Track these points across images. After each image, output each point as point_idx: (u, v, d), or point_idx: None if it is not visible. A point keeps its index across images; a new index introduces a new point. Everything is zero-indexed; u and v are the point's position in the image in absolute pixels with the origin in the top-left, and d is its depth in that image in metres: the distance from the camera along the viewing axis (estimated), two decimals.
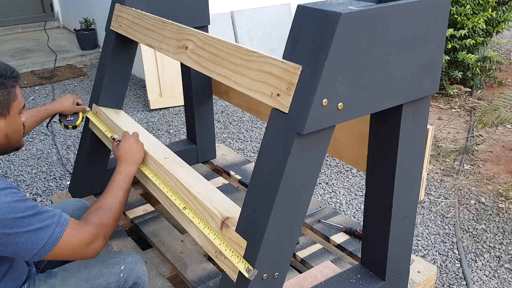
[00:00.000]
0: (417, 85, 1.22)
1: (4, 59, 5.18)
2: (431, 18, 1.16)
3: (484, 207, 2.68)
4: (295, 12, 1.07)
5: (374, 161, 1.40)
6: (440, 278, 2.18)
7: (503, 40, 5.43)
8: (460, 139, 3.50)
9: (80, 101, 2.05)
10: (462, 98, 4.19)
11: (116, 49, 1.99)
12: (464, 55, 3.98)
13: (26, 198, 1.19)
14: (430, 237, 2.44)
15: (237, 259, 1.20)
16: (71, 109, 2.02)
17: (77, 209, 1.69)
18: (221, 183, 2.25)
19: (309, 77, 1.03)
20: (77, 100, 2.05)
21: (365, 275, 1.54)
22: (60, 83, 4.73)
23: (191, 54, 1.45)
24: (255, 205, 1.16)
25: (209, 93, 2.32)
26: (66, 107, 2.01)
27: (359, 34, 1.04)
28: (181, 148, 2.36)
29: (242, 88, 1.21)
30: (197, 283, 1.63)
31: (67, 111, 2.02)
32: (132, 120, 1.94)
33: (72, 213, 1.66)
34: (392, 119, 1.29)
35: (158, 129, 3.71)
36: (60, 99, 2.01)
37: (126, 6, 1.91)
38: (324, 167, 3.12)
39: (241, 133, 3.65)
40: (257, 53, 1.18)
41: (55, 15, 6.63)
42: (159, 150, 1.70)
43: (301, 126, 1.04)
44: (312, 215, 1.99)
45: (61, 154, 3.28)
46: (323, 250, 1.81)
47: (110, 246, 1.80)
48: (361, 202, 2.72)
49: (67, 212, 1.66)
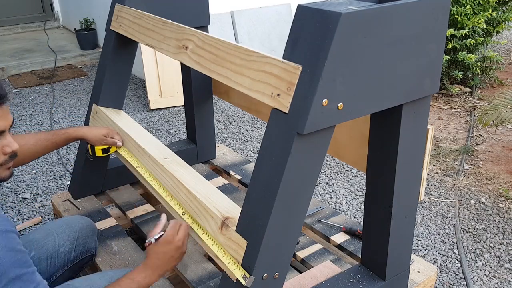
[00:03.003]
0: (417, 85, 1.22)
1: (4, 59, 5.18)
2: (431, 18, 1.16)
3: (484, 207, 2.68)
4: (295, 12, 1.07)
5: (374, 161, 1.40)
6: (440, 278, 2.18)
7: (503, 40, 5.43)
8: (460, 139, 3.50)
9: (115, 135, 1.79)
10: (462, 98, 4.19)
11: (116, 49, 1.99)
12: (464, 55, 3.98)
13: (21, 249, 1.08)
14: (430, 237, 2.44)
15: (234, 266, 1.21)
16: (97, 141, 1.76)
17: (83, 228, 1.66)
18: (221, 183, 2.25)
19: (309, 77, 1.03)
20: (112, 133, 1.79)
21: (365, 275, 1.54)
22: (60, 83, 4.73)
23: (191, 54, 1.45)
24: (255, 205, 1.16)
25: (209, 93, 2.32)
26: (91, 137, 1.75)
27: (359, 34, 1.04)
28: (181, 148, 2.36)
29: (242, 88, 1.21)
30: (197, 283, 1.63)
31: (92, 142, 1.76)
32: (132, 120, 1.94)
33: (79, 232, 1.63)
34: (392, 119, 1.29)
35: (158, 129, 3.71)
36: (89, 127, 1.79)
37: (126, 6, 1.91)
38: (324, 167, 3.12)
39: (241, 133, 3.65)
40: (257, 53, 1.18)
41: (55, 15, 6.63)
42: (159, 150, 1.70)
43: (301, 126, 1.04)
44: (312, 215, 1.99)
45: (61, 154, 3.28)
46: (323, 250, 1.81)
47: (110, 246, 1.80)
48: (361, 202, 2.72)
49: (74, 230, 1.61)
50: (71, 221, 1.67)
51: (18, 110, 4.08)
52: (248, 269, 1.17)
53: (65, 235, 1.60)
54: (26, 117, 3.92)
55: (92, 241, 1.69)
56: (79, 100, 4.29)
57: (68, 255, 1.59)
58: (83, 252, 1.65)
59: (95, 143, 1.78)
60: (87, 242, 1.66)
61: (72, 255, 1.61)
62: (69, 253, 1.60)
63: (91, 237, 1.68)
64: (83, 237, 1.64)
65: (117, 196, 2.14)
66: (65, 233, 1.60)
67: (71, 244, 1.60)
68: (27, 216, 2.62)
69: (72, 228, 1.62)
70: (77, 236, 1.62)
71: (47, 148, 1.69)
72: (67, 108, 4.13)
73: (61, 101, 4.29)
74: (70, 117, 3.95)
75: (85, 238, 1.65)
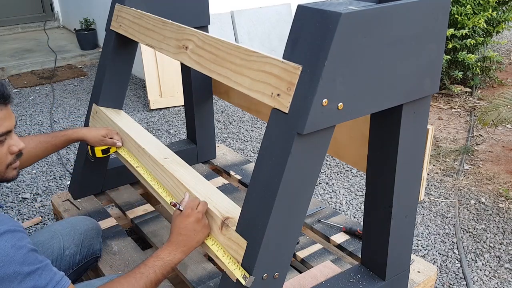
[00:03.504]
0: (417, 85, 1.22)
1: (4, 59, 5.18)
2: (431, 18, 1.16)
3: (484, 207, 2.68)
4: (295, 12, 1.07)
5: (374, 161, 1.40)
6: (440, 278, 2.18)
7: (503, 40, 5.43)
8: (460, 139, 3.50)
9: (115, 135, 1.79)
10: (462, 98, 4.19)
11: (116, 49, 1.99)
12: (464, 55, 3.98)
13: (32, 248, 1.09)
14: (430, 237, 2.44)
15: (234, 266, 1.21)
16: (96, 142, 1.76)
17: (88, 229, 1.65)
18: (221, 183, 2.25)
19: (309, 77, 1.03)
20: (111, 134, 1.79)
21: (365, 275, 1.54)
22: (60, 83, 4.73)
23: (191, 54, 1.45)
24: (255, 205, 1.16)
25: (209, 93, 2.32)
26: (90, 138, 1.75)
27: (359, 34, 1.04)
28: (181, 148, 2.36)
29: (242, 88, 1.21)
30: (197, 283, 1.63)
31: (91, 143, 1.76)
32: (132, 120, 1.94)
33: (84, 235, 1.62)
34: (392, 119, 1.29)
35: (158, 129, 3.71)
36: (88, 128, 1.79)
37: (126, 6, 1.91)
38: (324, 167, 3.12)
39: (241, 133, 3.65)
40: (257, 53, 1.18)
41: (55, 15, 6.63)
42: (159, 150, 1.70)
43: (301, 126, 1.04)
44: (312, 215, 1.99)
45: (61, 154, 3.28)
46: (323, 250, 1.81)
47: (110, 246, 1.80)
48: (361, 202, 2.72)
49: (79, 233, 1.61)
50: (76, 222, 1.66)
51: (18, 110, 4.08)
52: (248, 269, 1.17)
53: (70, 238, 1.58)
54: (26, 117, 3.92)
55: (97, 243, 1.68)
56: (79, 100, 4.30)
57: (73, 258, 1.58)
58: (88, 255, 1.64)
59: (94, 144, 1.78)
60: (92, 244, 1.65)
61: (78, 258, 1.60)
62: (74, 256, 1.59)
63: (96, 239, 1.67)
64: (88, 239, 1.63)
65: (117, 196, 2.14)
66: (70, 235, 1.59)
67: (76, 247, 1.59)
68: (27, 216, 2.62)
69: (77, 230, 1.61)
70: (82, 238, 1.61)
71: (47, 151, 1.69)
72: (67, 108, 4.13)
73: (61, 101, 4.29)
74: (70, 117, 3.95)
75: (90, 240, 1.64)
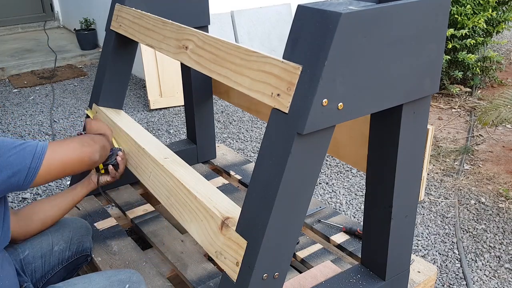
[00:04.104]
0: (417, 85, 1.22)
1: (4, 59, 5.18)
2: (431, 18, 1.16)
3: (484, 207, 2.68)
4: (295, 12, 1.07)
5: (374, 161, 1.40)
6: (440, 278, 2.18)
7: (503, 40, 5.44)
8: (460, 139, 3.50)
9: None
10: (462, 98, 4.19)
11: (116, 49, 1.99)
12: (464, 55, 3.98)
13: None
14: (430, 237, 2.44)
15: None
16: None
17: (77, 227, 1.69)
18: (221, 183, 2.25)
19: (309, 77, 1.03)
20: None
21: (365, 275, 1.54)
22: (60, 83, 4.73)
23: (191, 54, 1.45)
24: (255, 205, 1.16)
25: (209, 93, 2.32)
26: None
27: (359, 34, 1.04)
28: (181, 148, 2.36)
29: (242, 88, 1.21)
30: (197, 283, 1.63)
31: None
32: (132, 120, 1.94)
33: (73, 232, 1.66)
34: (392, 119, 1.29)
35: (158, 129, 3.71)
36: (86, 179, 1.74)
37: (126, 6, 1.91)
38: (324, 167, 3.12)
39: (241, 133, 3.65)
40: (257, 53, 1.18)
41: (55, 15, 6.63)
42: (159, 150, 1.70)
43: (301, 126, 1.04)
44: (312, 215, 1.99)
45: None
46: (323, 250, 1.81)
47: (110, 246, 1.80)
48: (361, 202, 2.72)
49: (68, 230, 1.65)
50: (65, 221, 1.70)
51: (18, 110, 4.08)
52: (248, 269, 1.17)
53: (59, 234, 1.63)
54: (26, 117, 3.92)
55: (87, 241, 1.71)
56: (79, 100, 4.30)
57: (62, 254, 1.62)
58: (77, 252, 1.67)
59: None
60: (82, 241, 1.68)
61: (67, 254, 1.64)
62: (64, 252, 1.62)
63: (85, 236, 1.71)
64: (78, 237, 1.67)
65: (117, 196, 2.14)
66: (59, 232, 1.63)
67: (65, 243, 1.63)
68: None
69: (66, 228, 1.65)
70: (71, 235, 1.65)
71: (67, 210, 1.68)
72: (67, 108, 4.13)
73: (61, 101, 4.29)
74: (70, 117, 3.95)
75: (80, 238, 1.68)
